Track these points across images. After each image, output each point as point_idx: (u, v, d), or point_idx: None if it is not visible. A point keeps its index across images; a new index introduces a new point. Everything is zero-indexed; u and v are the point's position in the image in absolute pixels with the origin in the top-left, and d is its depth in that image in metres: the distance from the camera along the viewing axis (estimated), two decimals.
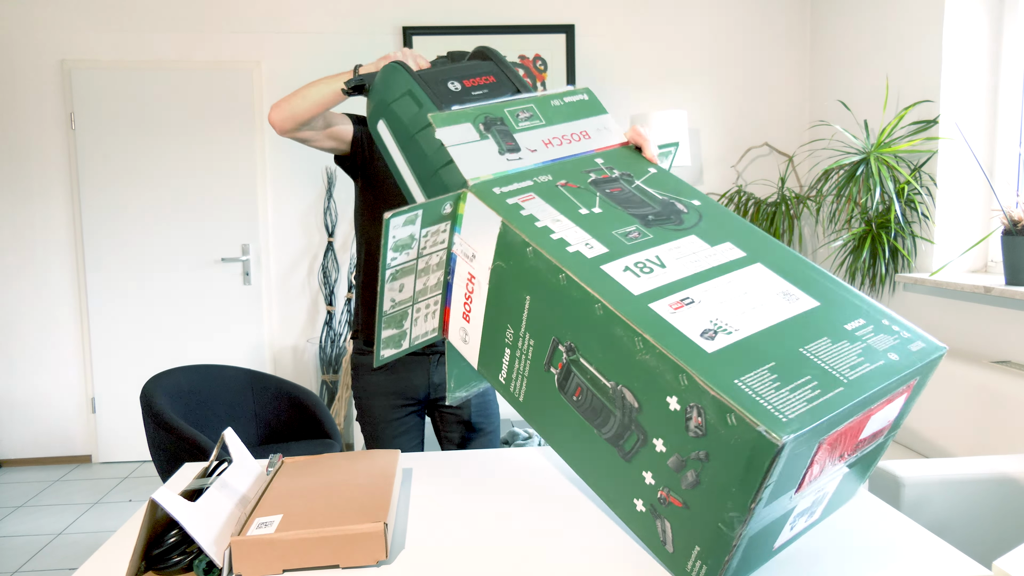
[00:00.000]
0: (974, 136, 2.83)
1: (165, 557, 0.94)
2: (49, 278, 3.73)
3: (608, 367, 0.89)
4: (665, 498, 0.88)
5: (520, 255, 0.97)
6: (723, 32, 3.87)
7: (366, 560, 0.95)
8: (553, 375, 0.98)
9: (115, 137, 3.67)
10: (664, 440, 0.85)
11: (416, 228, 1.02)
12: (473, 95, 1.20)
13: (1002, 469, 1.75)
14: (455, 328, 1.15)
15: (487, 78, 1.25)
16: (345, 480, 1.12)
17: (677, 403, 0.82)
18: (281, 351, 3.89)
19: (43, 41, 3.63)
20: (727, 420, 0.77)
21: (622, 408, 0.89)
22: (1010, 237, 2.41)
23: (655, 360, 0.83)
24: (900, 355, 0.88)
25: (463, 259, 1.07)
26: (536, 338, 0.99)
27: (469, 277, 1.07)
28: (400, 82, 1.19)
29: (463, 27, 3.75)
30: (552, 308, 0.95)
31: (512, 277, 1.00)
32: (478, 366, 1.12)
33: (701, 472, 0.82)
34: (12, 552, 2.77)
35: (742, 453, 0.77)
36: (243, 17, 3.71)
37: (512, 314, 1.02)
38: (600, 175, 1.11)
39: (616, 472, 0.94)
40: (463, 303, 1.11)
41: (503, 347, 1.05)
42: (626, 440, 0.90)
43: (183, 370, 2.57)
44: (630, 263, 0.95)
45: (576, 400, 0.95)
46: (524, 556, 0.99)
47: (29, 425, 3.78)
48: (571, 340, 0.94)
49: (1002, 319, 2.52)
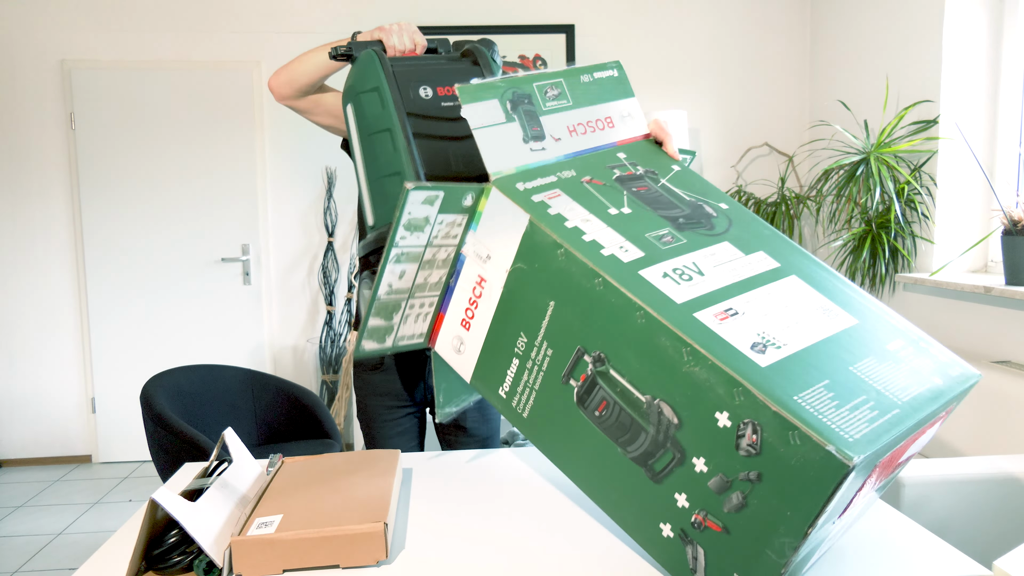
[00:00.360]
0: (974, 136, 2.83)
1: (165, 557, 0.94)
2: (49, 278, 3.73)
3: (644, 380, 0.84)
4: (701, 522, 0.82)
5: (548, 257, 0.92)
6: (723, 32, 3.87)
7: (366, 560, 0.95)
8: (572, 388, 0.92)
9: (115, 137, 3.67)
10: (707, 459, 0.80)
11: (433, 211, 0.96)
12: (442, 106, 1.16)
13: (1002, 469, 1.75)
14: (447, 337, 1.09)
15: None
16: (345, 480, 1.12)
17: (728, 419, 0.77)
18: (281, 351, 3.89)
19: (43, 41, 3.63)
20: (789, 439, 0.73)
21: (657, 424, 0.84)
22: (1010, 237, 2.41)
23: (705, 372, 0.78)
24: (943, 379, 0.85)
25: (474, 260, 1.02)
26: (556, 347, 0.93)
27: (478, 280, 1.02)
28: (372, 74, 1.16)
29: (463, 27, 3.75)
30: (581, 315, 0.89)
31: (534, 281, 0.94)
32: (472, 378, 1.06)
33: (749, 494, 0.77)
34: (12, 552, 2.77)
35: (805, 474, 0.72)
36: (243, 17, 3.71)
37: (528, 321, 0.96)
38: (624, 171, 1.07)
39: (640, 495, 0.88)
40: (464, 309, 1.05)
41: (510, 357, 1.00)
42: (658, 459, 0.85)
43: (183, 370, 2.57)
44: (668, 269, 0.90)
45: (599, 416, 0.90)
46: (524, 556, 0.99)
47: (29, 425, 3.78)
48: (600, 350, 0.88)
49: (1002, 319, 2.52)
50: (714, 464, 0.80)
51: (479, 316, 1.03)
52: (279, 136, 3.78)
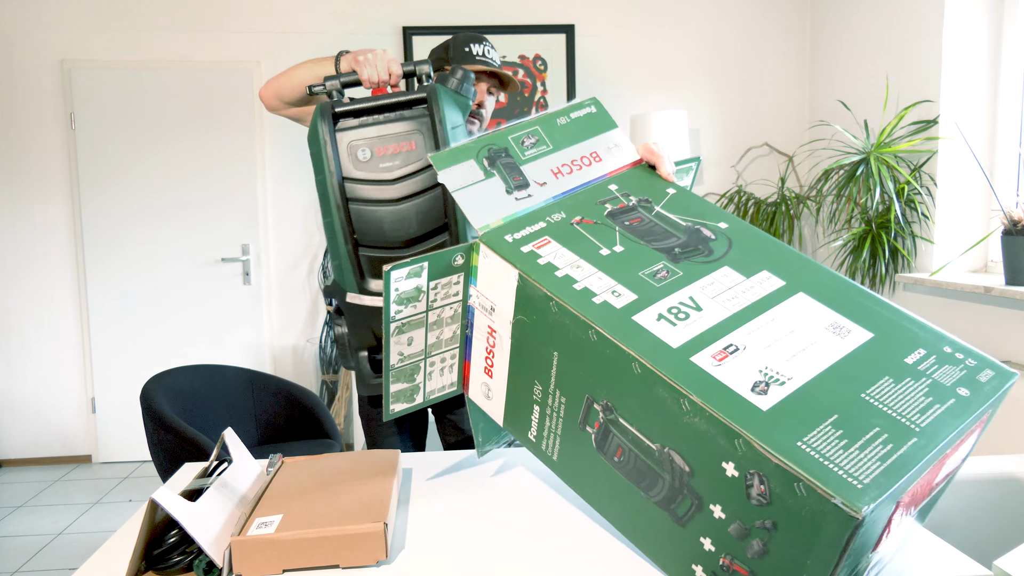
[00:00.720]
0: (974, 136, 2.83)
1: (165, 557, 0.94)
2: (49, 278, 3.73)
3: (652, 429, 0.82)
4: (728, 566, 0.80)
5: (543, 309, 0.91)
6: (723, 32, 3.87)
7: (366, 560, 0.95)
8: (590, 434, 0.91)
9: (115, 137, 3.67)
10: (723, 506, 0.78)
11: (423, 280, 0.96)
12: (379, 167, 1.16)
13: (1002, 469, 1.75)
14: (476, 383, 1.08)
15: (407, 145, 1.18)
16: (345, 480, 1.12)
17: (735, 469, 0.75)
18: (281, 351, 3.89)
19: (43, 41, 3.63)
20: (795, 490, 0.70)
21: (671, 472, 0.82)
22: (1010, 237, 2.41)
23: (705, 423, 0.76)
24: (970, 389, 0.80)
25: (481, 312, 1.01)
26: (568, 396, 0.92)
27: (490, 331, 1.01)
28: (316, 134, 1.17)
29: (463, 27, 3.75)
30: (583, 365, 0.88)
31: (537, 332, 0.93)
32: (504, 423, 1.05)
33: (769, 542, 0.74)
34: (12, 552, 2.77)
35: (815, 525, 0.69)
36: (243, 17, 3.71)
37: (539, 370, 0.95)
38: (616, 205, 1.04)
39: (670, 536, 0.86)
40: (484, 357, 1.04)
41: (531, 404, 0.99)
42: (678, 505, 0.83)
43: (183, 370, 2.57)
44: (663, 309, 0.87)
45: (618, 461, 0.88)
46: (524, 556, 0.99)
47: (29, 425, 3.78)
48: (607, 399, 0.86)
49: (1002, 319, 2.52)
50: (731, 511, 0.77)
51: (498, 364, 1.02)
52: (279, 136, 3.78)
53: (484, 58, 1.64)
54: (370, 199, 1.17)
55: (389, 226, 1.17)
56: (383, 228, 1.17)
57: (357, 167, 1.16)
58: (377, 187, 1.16)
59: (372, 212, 1.17)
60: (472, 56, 1.62)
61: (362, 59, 1.28)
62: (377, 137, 1.18)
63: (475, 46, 1.63)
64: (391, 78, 1.28)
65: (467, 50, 1.62)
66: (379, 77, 1.27)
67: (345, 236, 1.19)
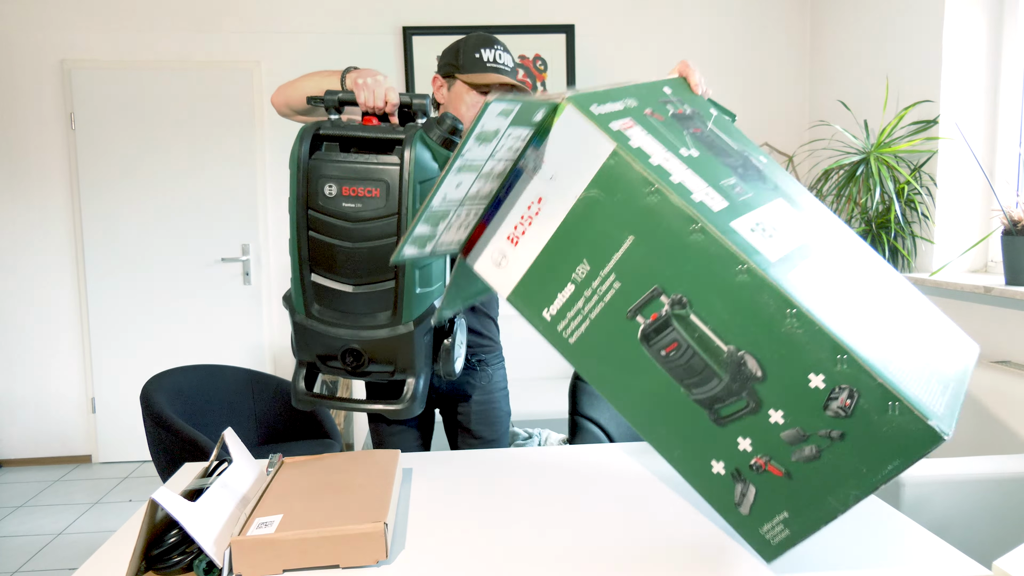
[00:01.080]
0: (974, 136, 2.83)
1: (165, 557, 0.94)
2: (49, 278, 3.73)
3: (732, 330, 0.86)
4: (761, 466, 0.88)
5: (634, 193, 0.89)
6: (723, 32, 3.87)
7: (366, 560, 0.95)
8: (637, 325, 0.92)
9: (115, 137, 3.67)
10: (786, 412, 0.84)
11: (505, 123, 0.92)
12: (343, 206, 1.17)
13: (1002, 469, 1.75)
14: (489, 250, 1.04)
15: (370, 191, 1.18)
16: (345, 480, 1.12)
17: (823, 381, 0.81)
18: (281, 351, 3.89)
19: (43, 41, 3.63)
20: (888, 408, 0.79)
21: (735, 373, 0.87)
22: (1010, 237, 2.41)
23: (808, 336, 0.81)
24: (961, 359, 0.94)
25: (536, 177, 0.98)
26: (625, 281, 0.91)
27: (537, 198, 0.98)
28: (295, 153, 1.18)
29: (463, 27, 3.75)
30: (666, 256, 0.88)
31: (611, 212, 0.91)
32: (511, 295, 1.02)
33: (826, 449, 0.83)
34: (12, 552, 2.77)
35: (895, 441, 0.79)
36: (243, 17, 3.71)
37: (595, 250, 0.93)
38: (676, 110, 1.05)
39: (696, 433, 0.91)
40: (514, 225, 1.01)
41: (564, 282, 0.96)
42: (727, 405, 0.89)
43: (183, 370, 2.57)
44: (752, 223, 0.90)
45: (666, 355, 0.91)
46: (524, 556, 0.99)
47: (29, 425, 3.78)
48: (684, 294, 0.88)
49: (1002, 319, 2.52)
50: (793, 418, 0.85)
51: (531, 234, 0.99)
52: (279, 136, 3.77)
53: (495, 64, 1.56)
54: (328, 232, 1.19)
55: (340, 263, 1.20)
56: (335, 262, 1.20)
57: (321, 199, 1.18)
58: (337, 223, 1.19)
59: (327, 245, 1.19)
60: (483, 63, 1.56)
61: (361, 82, 1.27)
62: (345, 175, 1.18)
63: (486, 51, 1.56)
64: (387, 107, 1.26)
65: (477, 56, 1.55)
66: (374, 103, 1.25)
67: (301, 260, 1.21)
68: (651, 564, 0.95)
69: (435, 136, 1.22)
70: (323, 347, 1.24)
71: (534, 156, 0.97)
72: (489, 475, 1.30)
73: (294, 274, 1.23)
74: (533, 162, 0.97)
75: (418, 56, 3.75)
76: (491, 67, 1.55)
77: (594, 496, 1.19)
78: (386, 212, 1.17)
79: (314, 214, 1.19)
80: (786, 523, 0.89)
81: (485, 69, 1.55)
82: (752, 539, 0.92)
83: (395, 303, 1.21)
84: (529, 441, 2.71)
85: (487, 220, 1.02)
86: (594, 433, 1.81)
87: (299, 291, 1.24)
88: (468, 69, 1.55)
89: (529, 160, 0.98)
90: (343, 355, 1.23)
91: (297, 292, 1.24)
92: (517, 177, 0.99)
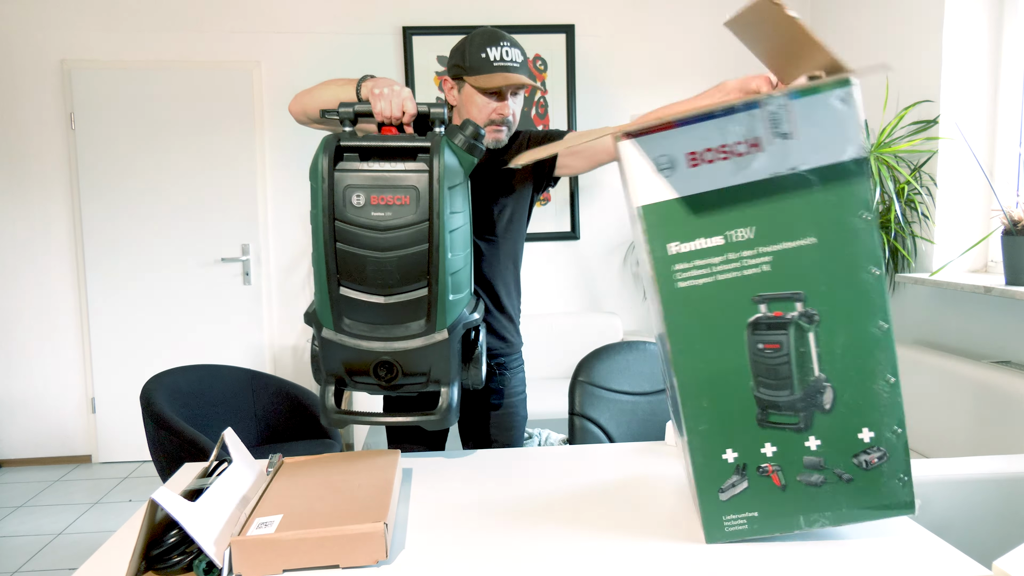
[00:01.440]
0: (974, 136, 2.83)
1: (165, 557, 0.94)
2: (49, 278, 3.73)
3: (832, 364, 0.93)
4: (768, 472, 0.96)
5: (849, 206, 0.91)
6: (723, 32, 3.87)
7: (366, 560, 0.95)
8: (755, 311, 0.93)
9: (115, 137, 3.67)
10: (822, 444, 0.95)
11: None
12: (371, 215, 1.17)
13: (1002, 469, 1.75)
14: (663, 152, 0.94)
15: (400, 198, 1.17)
16: (345, 480, 1.12)
17: (870, 438, 0.94)
18: (281, 351, 3.89)
19: (43, 41, 3.63)
20: (898, 479, 0.96)
21: (808, 397, 0.94)
22: (1010, 237, 2.41)
23: (887, 401, 0.93)
24: None
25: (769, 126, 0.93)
26: (776, 270, 0.92)
27: (752, 141, 0.93)
28: (317, 165, 1.18)
29: (463, 27, 3.75)
30: (831, 276, 0.91)
31: (816, 207, 0.90)
32: (647, 205, 0.93)
33: (830, 483, 0.96)
34: (12, 552, 2.77)
35: (883, 501, 0.97)
36: (243, 17, 3.71)
37: (770, 227, 0.92)
38: None
39: (734, 421, 0.96)
40: (708, 148, 0.94)
41: (716, 232, 0.93)
42: (781, 415, 0.95)
43: (183, 370, 2.57)
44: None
45: (762, 349, 0.94)
46: (524, 556, 0.99)
47: (29, 425, 3.78)
48: (818, 313, 0.92)
49: (1002, 319, 2.52)
50: (824, 451, 0.95)
51: (718, 169, 0.92)
52: (279, 136, 3.77)
53: (503, 62, 1.47)
54: (357, 243, 1.18)
55: (371, 273, 1.19)
56: (365, 273, 1.19)
57: (349, 210, 1.18)
58: (366, 233, 1.18)
59: (357, 256, 1.18)
60: (490, 63, 1.47)
61: (378, 92, 1.26)
62: (374, 184, 1.18)
63: (492, 49, 1.48)
64: (404, 116, 1.26)
65: (484, 56, 1.48)
66: (391, 113, 1.25)
67: (329, 273, 1.20)
68: (651, 564, 0.95)
69: (459, 142, 1.23)
70: (354, 361, 1.22)
71: (785, 113, 0.91)
72: (489, 475, 1.29)
73: (320, 288, 1.21)
74: (779, 117, 0.91)
75: (418, 56, 3.75)
76: (499, 66, 1.47)
77: (594, 496, 1.19)
78: (417, 219, 1.17)
79: (342, 225, 1.18)
80: (750, 520, 0.98)
81: (493, 69, 1.47)
82: (710, 519, 0.99)
83: (428, 311, 1.20)
84: (529, 441, 2.71)
85: (679, 123, 0.93)
86: (594, 433, 1.80)
87: (326, 305, 1.21)
88: (475, 71, 1.48)
89: (778, 111, 0.91)
90: (375, 368, 1.21)
91: (324, 306, 1.22)
92: (747, 108, 0.91)
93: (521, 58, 1.51)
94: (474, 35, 1.51)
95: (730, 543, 1.00)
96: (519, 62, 1.50)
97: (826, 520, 0.97)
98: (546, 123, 3.85)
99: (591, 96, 3.88)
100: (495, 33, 1.50)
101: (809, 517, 0.97)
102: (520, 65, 1.50)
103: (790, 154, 0.91)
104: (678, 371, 0.96)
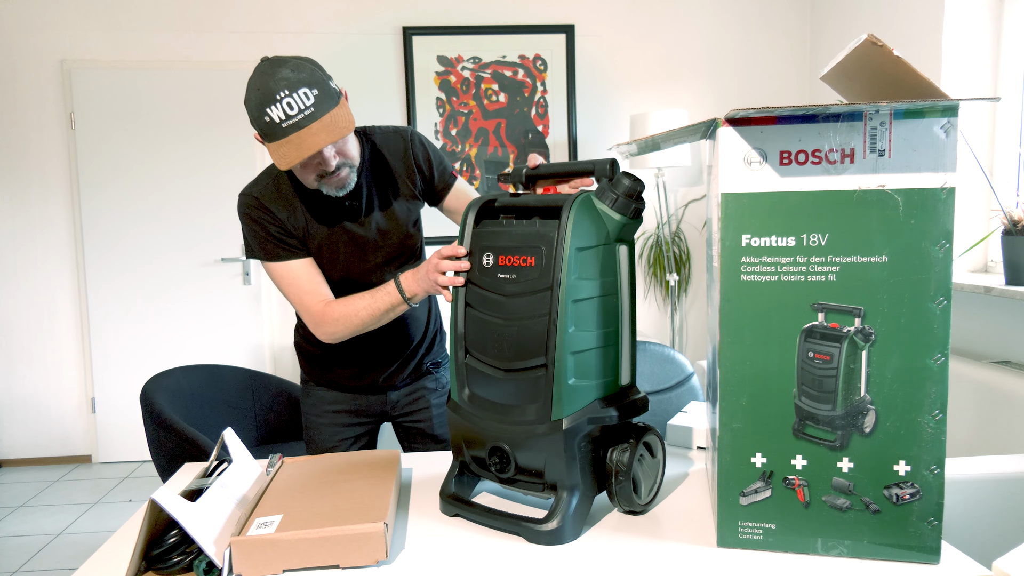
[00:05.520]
0: (974, 136, 2.83)
1: (165, 557, 0.94)
2: (49, 278, 3.73)
3: (880, 386, 0.90)
4: (794, 484, 0.94)
5: (929, 231, 0.89)
6: (723, 32, 3.87)
7: (366, 560, 0.95)
8: (812, 318, 0.92)
9: (115, 137, 3.67)
10: (855, 467, 0.92)
11: None
12: (498, 277, 1.07)
13: (1002, 469, 1.75)
14: (758, 146, 0.94)
15: (526, 260, 1.05)
16: (345, 480, 1.12)
17: (906, 472, 0.91)
18: (281, 351, 3.88)
19: (43, 41, 3.63)
20: (928, 522, 0.92)
21: (850, 416, 0.91)
22: (1010, 237, 2.41)
23: (930, 437, 0.90)
24: None
25: (868, 139, 0.93)
26: (842, 281, 0.90)
27: (850, 151, 0.93)
28: (464, 225, 1.14)
29: (463, 27, 3.75)
30: (897, 298, 0.89)
31: (895, 226, 0.89)
32: (730, 194, 0.93)
33: (856, 511, 0.92)
34: (12, 552, 2.77)
35: (908, 544, 0.92)
36: (243, 17, 3.71)
37: (844, 236, 0.90)
38: None
39: (770, 425, 0.94)
40: (801, 151, 0.94)
41: (790, 233, 0.92)
42: (819, 429, 0.92)
43: (183, 370, 2.57)
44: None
45: (811, 358, 0.92)
46: (524, 556, 0.99)
47: (29, 425, 3.78)
48: (876, 332, 0.90)
49: (1002, 319, 2.52)
50: (856, 476, 0.92)
51: (808, 172, 0.92)
52: None
53: (291, 119, 1.26)
54: (484, 310, 1.08)
55: (492, 342, 1.07)
56: (486, 343, 1.08)
57: (481, 271, 1.09)
58: (490, 296, 1.08)
59: (482, 322, 1.09)
60: (279, 127, 1.26)
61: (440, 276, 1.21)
62: (504, 243, 1.07)
63: (272, 109, 1.26)
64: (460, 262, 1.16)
65: (268, 120, 1.27)
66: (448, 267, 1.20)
67: (456, 337, 1.12)
68: (651, 564, 0.95)
69: (607, 200, 1.06)
70: (472, 438, 1.11)
71: (884, 131, 0.90)
72: None
73: (451, 353, 1.14)
74: (878, 133, 0.90)
75: (418, 56, 3.75)
76: (289, 127, 1.26)
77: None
78: (540, 286, 1.02)
79: (471, 287, 1.10)
80: (766, 532, 0.95)
81: (283, 133, 1.27)
82: (725, 521, 0.96)
83: (543, 393, 1.02)
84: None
85: (781, 119, 0.92)
86: None
87: (454, 372, 1.13)
88: (269, 137, 1.29)
89: (879, 127, 0.90)
90: (490, 453, 1.08)
91: (452, 373, 1.13)
92: (850, 117, 0.90)
93: (311, 98, 1.27)
94: (248, 95, 1.30)
95: (789, 551, 0.96)
96: (309, 104, 1.26)
97: (844, 549, 0.93)
98: (546, 123, 3.85)
99: (591, 96, 3.88)
100: (266, 88, 1.26)
101: (827, 542, 0.93)
102: (313, 107, 1.26)
103: (881, 171, 0.90)
104: (723, 363, 0.95)
